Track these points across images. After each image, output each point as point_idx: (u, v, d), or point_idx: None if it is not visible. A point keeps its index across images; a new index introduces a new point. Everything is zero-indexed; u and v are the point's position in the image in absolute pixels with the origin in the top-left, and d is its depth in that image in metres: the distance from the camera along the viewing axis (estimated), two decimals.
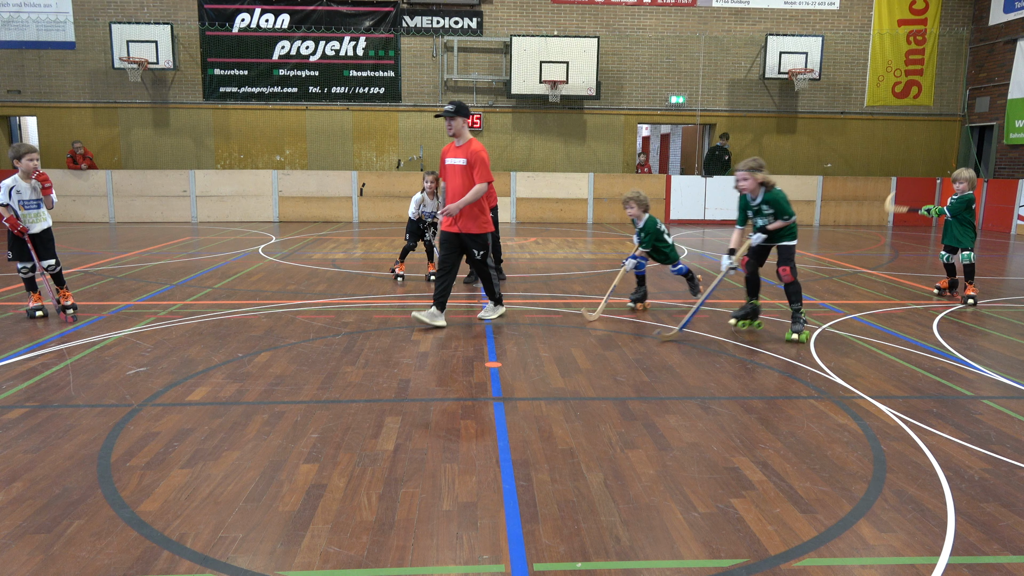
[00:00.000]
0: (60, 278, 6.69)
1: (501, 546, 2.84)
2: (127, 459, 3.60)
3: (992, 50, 16.94)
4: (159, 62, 16.10)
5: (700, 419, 4.24)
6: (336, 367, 5.17)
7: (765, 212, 6.04)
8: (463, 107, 6.32)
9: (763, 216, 6.06)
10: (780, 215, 5.96)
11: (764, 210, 6.03)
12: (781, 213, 5.95)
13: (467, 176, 6.27)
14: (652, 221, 7.05)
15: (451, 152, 6.41)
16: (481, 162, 6.23)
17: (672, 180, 17.01)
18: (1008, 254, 12.14)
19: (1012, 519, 3.09)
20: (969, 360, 5.52)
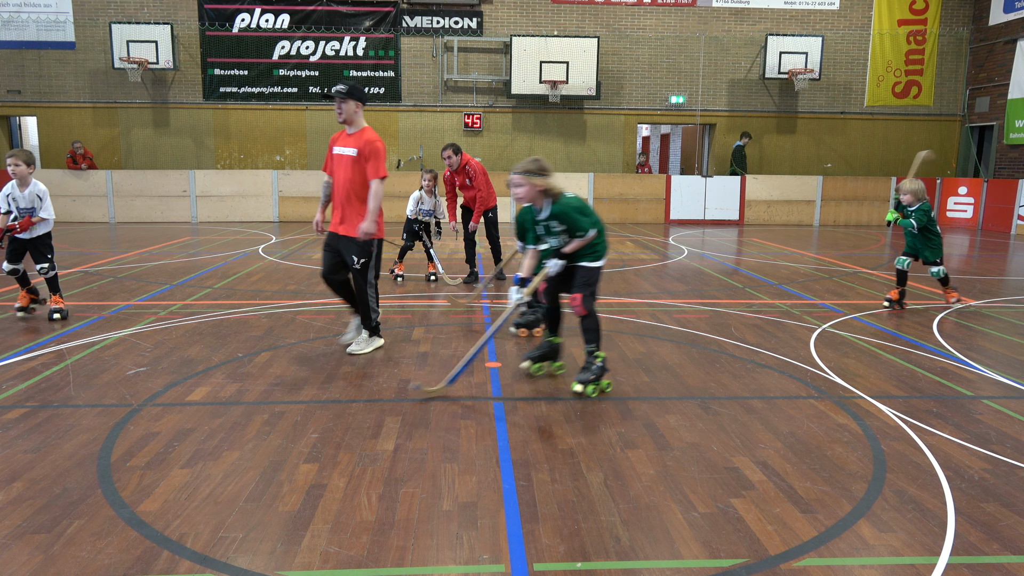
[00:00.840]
0: (54, 283, 6.59)
1: (501, 546, 2.84)
2: (127, 459, 3.60)
3: (992, 50, 16.94)
4: (159, 62, 16.10)
5: (700, 419, 4.24)
6: (336, 367, 5.17)
7: (554, 229, 4.62)
8: (357, 89, 5.50)
9: (553, 235, 4.65)
10: (574, 232, 4.56)
11: (553, 227, 4.62)
12: (575, 229, 4.55)
13: (358, 169, 5.37)
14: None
15: (341, 140, 5.55)
16: (375, 154, 5.33)
17: (672, 180, 17.01)
18: (1008, 254, 12.14)
19: (1012, 519, 3.09)
20: (969, 360, 5.52)
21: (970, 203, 16.67)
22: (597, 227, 4.64)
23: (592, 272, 4.69)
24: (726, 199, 16.93)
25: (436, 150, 17.00)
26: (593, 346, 4.68)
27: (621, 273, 9.52)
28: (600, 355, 4.69)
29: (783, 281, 8.96)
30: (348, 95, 5.44)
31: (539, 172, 4.56)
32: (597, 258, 4.70)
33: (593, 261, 4.68)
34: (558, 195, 4.63)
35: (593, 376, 4.64)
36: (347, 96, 5.43)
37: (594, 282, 4.71)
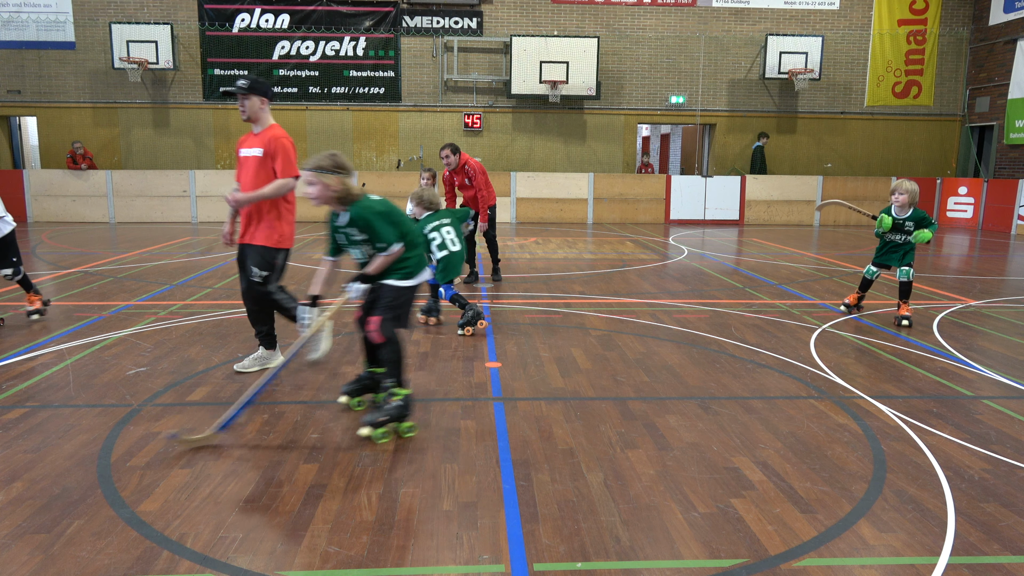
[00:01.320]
0: (26, 283, 6.54)
1: (501, 546, 2.84)
2: (127, 459, 3.60)
3: (992, 50, 16.94)
4: (159, 62, 16.10)
5: (700, 419, 4.24)
6: (336, 367, 5.17)
7: (354, 238, 3.95)
8: (260, 84, 4.85)
9: (354, 245, 3.98)
10: (376, 242, 3.86)
11: (352, 235, 3.94)
12: (376, 240, 3.86)
13: (264, 171, 4.81)
14: (422, 224, 6.25)
15: (247, 142, 4.91)
16: (283, 151, 4.79)
17: (672, 180, 17.01)
18: (1008, 254, 12.14)
19: (1012, 519, 3.09)
20: (969, 360, 5.52)
21: (970, 203, 16.67)
22: (407, 240, 3.95)
23: (398, 293, 3.94)
24: (726, 199, 16.93)
25: (436, 150, 16.99)
26: (392, 381, 3.92)
27: (621, 273, 9.52)
28: (400, 392, 3.93)
29: (783, 281, 8.96)
30: (250, 90, 4.80)
31: (333, 169, 3.86)
32: (407, 276, 3.97)
33: (401, 279, 3.96)
34: (355, 198, 3.88)
35: (385, 417, 3.84)
36: (249, 91, 4.80)
37: (400, 305, 3.96)
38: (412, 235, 4.03)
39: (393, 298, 3.94)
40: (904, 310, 6.62)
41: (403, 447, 3.78)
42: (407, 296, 4.02)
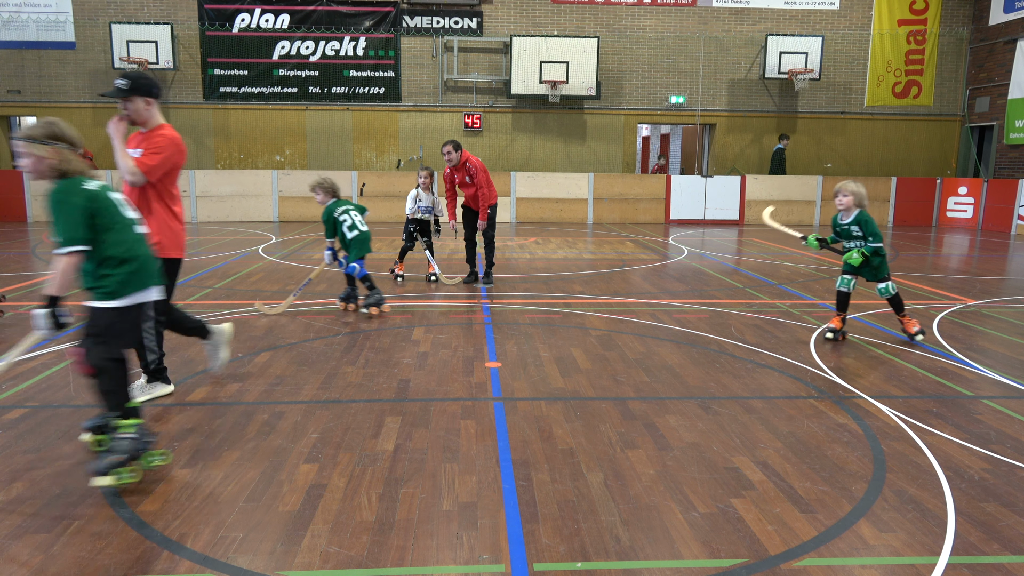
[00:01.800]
0: None
1: (501, 546, 2.84)
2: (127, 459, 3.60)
3: (992, 50, 16.94)
4: (159, 62, 16.10)
5: (700, 419, 4.24)
6: (336, 367, 5.17)
7: None
8: (142, 83, 4.14)
9: None
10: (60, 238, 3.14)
11: None
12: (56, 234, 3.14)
13: None
14: (328, 209, 6.74)
15: (131, 143, 4.27)
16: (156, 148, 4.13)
17: (672, 180, 17.01)
18: (1008, 254, 12.14)
19: (1012, 519, 3.09)
20: (969, 360, 5.52)
21: (970, 203, 16.67)
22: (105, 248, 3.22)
23: (97, 316, 3.28)
24: (726, 199, 16.92)
25: (436, 150, 17.00)
26: (114, 415, 3.25)
27: (621, 273, 9.52)
28: (127, 424, 3.26)
29: (783, 281, 8.96)
30: (132, 91, 4.09)
31: (47, 139, 3.17)
32: (108, 295, 3.25)
33: (102, 299, 3.26)
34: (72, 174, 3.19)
35: (116, 458, 3.19)
36: (130, 93, 4.09)
37: (103, 329, 3.26)
38: (114, 244, 3.24)
39: (94, 323, 3.28)
40: (910, 325, 5.99)
41: (403, 447, 3.79)
42: (109, 319, 3.28)
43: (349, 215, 6.80)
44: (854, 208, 5.87)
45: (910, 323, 5.99)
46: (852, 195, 5.84)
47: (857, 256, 5.78)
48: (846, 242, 5.97)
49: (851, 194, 5.84)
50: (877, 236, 5.82)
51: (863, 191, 5.88)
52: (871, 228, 5.83)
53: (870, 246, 5.79)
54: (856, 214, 5.87)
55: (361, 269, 6.65)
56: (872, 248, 5.80)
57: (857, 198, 5.86)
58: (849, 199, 5.85)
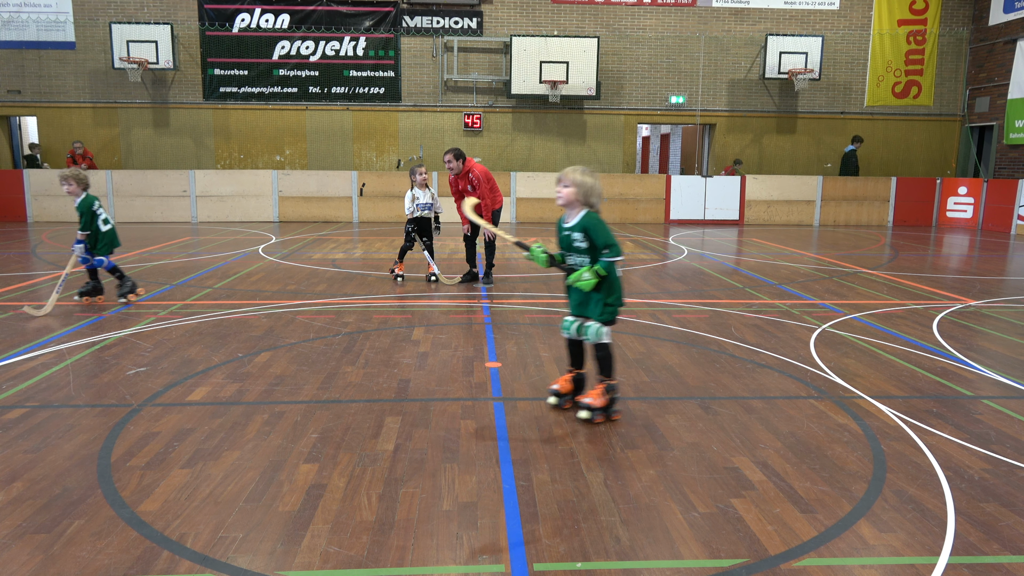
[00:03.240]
0: None
1: (501, 546, 2.84)
2: (127, 459, 3.60)
3: (992, 50, 16.94)
4: (159, 62, 16.10)
5: (700, 419, 4.24)
6: (336, 367, 5.17)
7: None
8: None
9: None
10: None
11: None
12: None
13: None
14: (87, 201, 6.80)
15: None
16: None
17: (672, 180, 17.01)
18: (1008, 254, 12.14)
19: (1012, 519, 3.09)
20: (969, 360, 5.52)
21: (970, 203, 16.67)
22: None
23: None
24: (726, 199, 16.92)
25: (436, 150, 17.01)
26: None
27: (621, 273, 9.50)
28: None
29: (783, 281, 8.96)
30: None
31: None
32: None
33: None
34: None
35: None
36: None
37: None
38: None
39: None
40: (595, 396, 4.17)
41: (403, 447, 3.79)
42: None
43: (102, 208, 7.00)
44: (579, 206, 4.11)
45: (596, 394, 4.18)
46: (574, 186, 4.08)
47: (589, 277, 3.97)
48: (571, 256, 4.18)
49: (573, 184, 4.09)
50: (616, 247, 4.00)
51: (591, 183, 4.10)
52: (602, 237, 4.01)
53: (605, 261, 3.99)
54: (581, 216, 4.10)
55: (109, 262, 6.90)
56: (607, 264, 4.01)
57: (582, 191, 4.08)
58: (570, 191, 4.09)
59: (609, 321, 4.15)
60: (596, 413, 4.15)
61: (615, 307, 4.15)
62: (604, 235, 4.03)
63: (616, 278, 4.11)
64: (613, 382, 4.22)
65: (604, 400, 4.18)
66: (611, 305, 4.13)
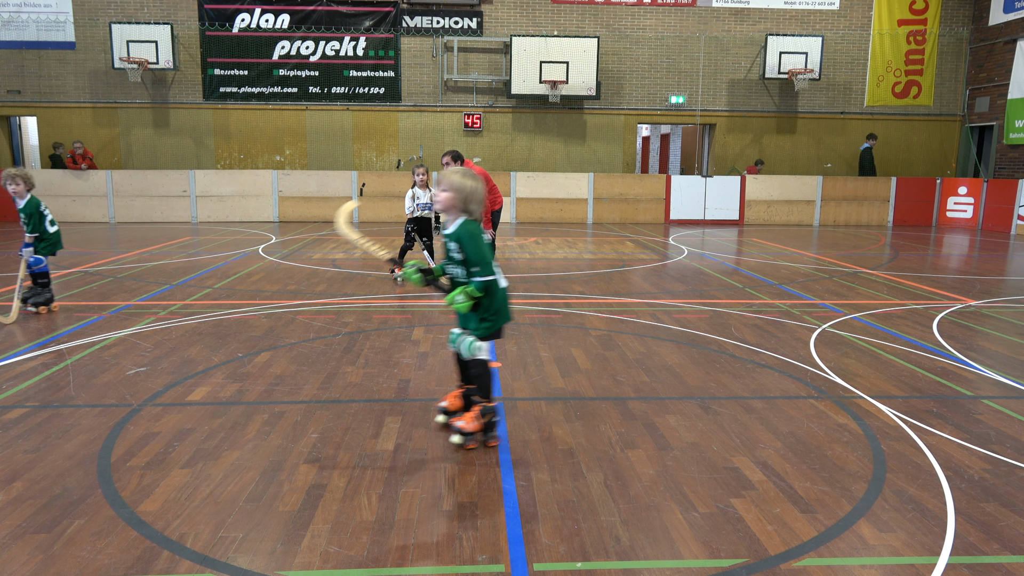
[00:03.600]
0: None
1: (501, 546, 2.84)
2: (127, 459, 3.60)
3: (992, 50, 16.94)
4: (159, 62, 16.10)
5: (700, 419, 4.24)
6: (336, 367, 5.17)
7: None
8: None
9: None
10: None
11: None
12: None
13: None
14: (34, 202, 6.52)
15: None
16: None
17: (672, 180, 17.01)
18: (1008, 254, 12.14)
19: (1012, 519, 3.09)
20: (969, 360, 5.52)
21: (970, 203, 16.67)
22: None
23: None
24: (726, 199, 16.92)
25: (436, 150, 17.01)
26: None
27: (621, 273, 9.52)
28: None
29: (783, 281, 8.96)
30: None
31: None
32: None
33: None
34: None
35: None
36: None
37: None
38: None
39: None
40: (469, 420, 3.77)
41: (403, 447, 3.79)
42: None
43: (48, 210, 6.74)
44: (457, 212, 3.66)
45: (469, 417, 3.78)
46: (452, 190, 3.62)
47: (463, 300, 3.61)
48: (450, 267, 3.78)
49: (451, 188, 3.63)
50: (486, 266, 3.62)
51: (471, 187, 3.63)
52: (473, 252, 3.60)
53: (476, 281, 3.61)
54: (458, 224, 3.66)
55: (44, 265, 6.66)
56: (480, 285, 3.61)
57: (461, 196, 3.62)
58: (447, 196, 3.63)
59: (486, 336, 3.77)
60: (468, 438, 3.76)
61: (494, 322, 3.76)
62: (475, 250, 3.60)
63: (497, 291, 3.72)
64: (489, 404, 3.81)
65: (477, 424, 3.77)
66: (488, 320, 3.74)
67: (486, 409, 3.80)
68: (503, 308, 3.79)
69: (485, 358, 3.78)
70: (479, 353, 3.75)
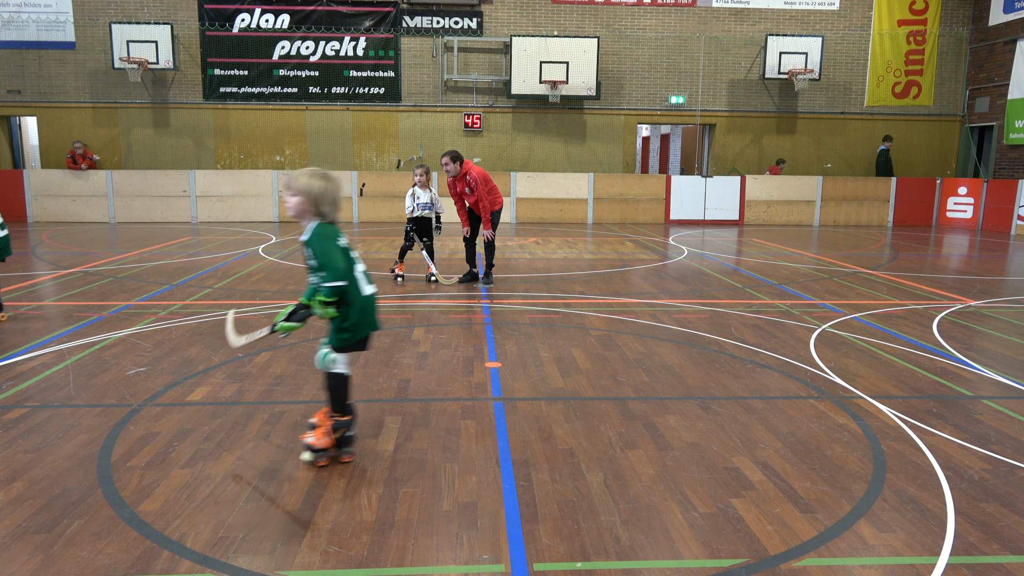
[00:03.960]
0: None
1: (501, 546, 2.84)
2: (127, 459, 3.60)
3: (992, 50, 16.94)
4: (159, 62, 16.09)
5: (700, 419, 4.24)
6: None
7: None
8: None
9: None
10: None
11: None
12: None
13: None
14: None
15: None
16: None
17: (672, 180, 17.01)
18: (1008, 254, 12.14)
19: (1012, 519, 3.09)
20: (969, 360, 5.52)
21: (970, 203, 16.67)
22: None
23: None
24: (726, 199, 16.92)
25: (436, 150, 17.00)
26: None
27: (621, 273, 9.52)
28: None
29: (783, 281, 8.96)
30: None
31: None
32: None
33: None
34: None
35: None
36: None
37: None
38: None
39: None
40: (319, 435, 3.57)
41: (403, 447, 3.79)
42: None
43: None
44: (309, 216, 3.49)
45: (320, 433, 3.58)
46: (300, 193, 3.43)
47: (321, 311, 3.42)
48: (311, 278, 3.59)
49: (299, 192, 3.44)
50: (333, 269, 3.37)
51: (319, 188, 3.45)
52: (321, 255, 3.40)
53: (325, 287, 3.38)
54: (311, 228, 3.48)
55: None
56: (330, 291, 3.37)
57: (310, 199, 3.44)
58: (297, 201, 3.45)
59: (343, 348, 3.54)
60: (319, 455, 3.55)
61: (352, 333, 3.51)
62: (322, 253, 3.38)
63: (356, 299, 3.50)
64: (343, 418, 3.60)
65: (328, 440, 3.57)
66: (346, 331, 3.51)
67: (339, 423, 3.60)
68: (364, 319, 3.54)
69: (341, 371, 3.58)
70: (333, 366, 3.55)
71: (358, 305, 3.51)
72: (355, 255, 3.60)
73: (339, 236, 3.53)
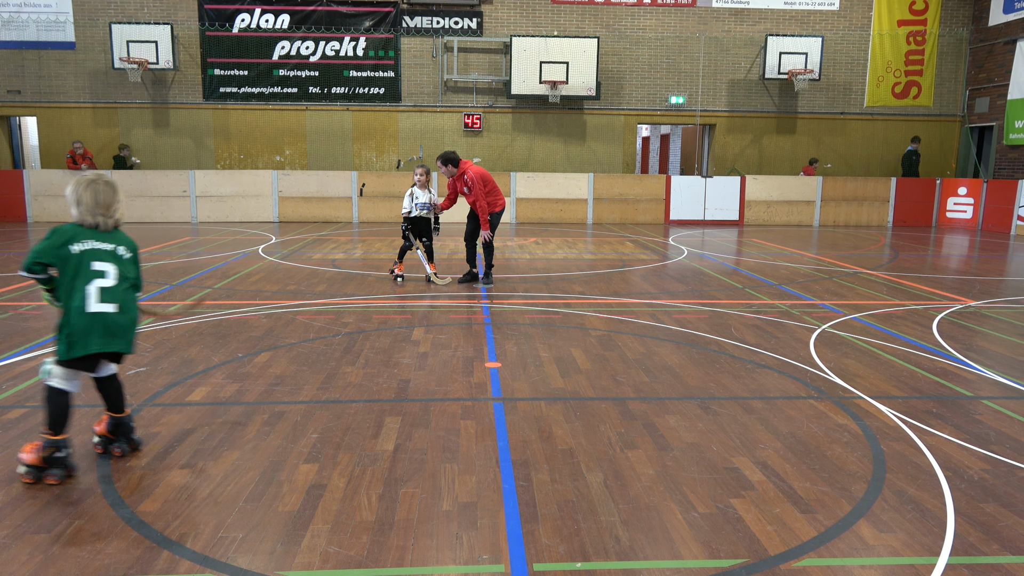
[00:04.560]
0: None
1: (501, 546, 2.84)
2: (127, 459, 3.60)
3: (992, 50, 16.94)
4: (159, 62, 16.09)
5: (700, 419, 4.24)
6: (336, 367, 5.17)
7: None
8: None
9: None
10: None
11: None
12: None
13: None
14: None
15: None
16: None
17: (672, 180, 17.01)
18: (1008, 254, 12.14)
19: (1012, 519, 3.09)
20: (969, 360, 5.52)
21: (970, 203, 16.67)
22: None
23: None
24: (726, 200, 16.92)
25: (436, 150, 16.99)
26: None
27: (621, 273, 9.52)
28: None
29: (783, 281, 8.96)
30: None
31: None
32: None
33: None
34: None
35: None
36: None
37: None
38: None
39: None
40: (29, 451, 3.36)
41: (403, 447, 3.79)
42: None
43: None
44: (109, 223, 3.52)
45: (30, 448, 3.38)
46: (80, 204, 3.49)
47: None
48: None
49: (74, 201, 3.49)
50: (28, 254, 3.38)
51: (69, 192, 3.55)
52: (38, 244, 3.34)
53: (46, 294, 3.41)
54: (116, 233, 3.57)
55: None
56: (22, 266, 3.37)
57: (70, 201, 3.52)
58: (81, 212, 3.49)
59: (61, 360, 3.28)
60: (29, 471, 3.30)
61: (67, 346, 3.26)
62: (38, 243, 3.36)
63: (74, 310, 3.27)
64: (56, 437, 3.29)
65: (34, 457, 3.30)
66: (62, 341, 3.27)
67: (49, 443, 3.29)
68: (85, 337, 3.26)
69: (55, 385, 3.31)
70: (47, 378, 3.32)
71: (75, 318, 3.26)
72: (104, 269, 3.36)
73: (76, 241, 3.39)
